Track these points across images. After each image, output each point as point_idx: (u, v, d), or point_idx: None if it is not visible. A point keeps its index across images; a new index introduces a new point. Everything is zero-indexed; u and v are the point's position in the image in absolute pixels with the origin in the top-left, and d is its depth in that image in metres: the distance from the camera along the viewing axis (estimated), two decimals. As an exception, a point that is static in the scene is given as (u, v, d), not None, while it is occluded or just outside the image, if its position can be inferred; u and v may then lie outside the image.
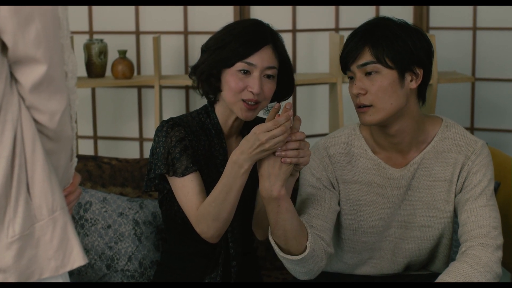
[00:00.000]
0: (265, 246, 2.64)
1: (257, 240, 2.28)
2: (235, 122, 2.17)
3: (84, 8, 3.84)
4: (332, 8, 3.83)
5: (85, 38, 3.71)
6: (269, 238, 2.04)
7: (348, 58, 2.09)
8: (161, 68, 3.65)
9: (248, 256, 2.27)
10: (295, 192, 2.19)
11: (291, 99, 3.83)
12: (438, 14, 3.85)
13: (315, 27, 3.84)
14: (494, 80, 3.85)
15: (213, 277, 2.18)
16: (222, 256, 2.18)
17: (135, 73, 3.84)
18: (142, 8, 3.83)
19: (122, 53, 3.55)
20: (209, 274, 2.18)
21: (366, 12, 3.70)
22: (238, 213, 2.11)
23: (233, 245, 2.17)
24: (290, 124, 1.90)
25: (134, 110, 3.94)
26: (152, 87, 3.77)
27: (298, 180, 2.18)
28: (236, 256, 2.18)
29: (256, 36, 2.08)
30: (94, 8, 3.84)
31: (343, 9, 3.83)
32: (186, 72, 3.77)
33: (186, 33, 3.83)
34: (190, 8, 3.80)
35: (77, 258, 1.47)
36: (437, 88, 3.51)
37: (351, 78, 2.11)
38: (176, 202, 2.14)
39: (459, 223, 2.14)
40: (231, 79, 2.07)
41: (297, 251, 2.00)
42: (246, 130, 2.16)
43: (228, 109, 2.13)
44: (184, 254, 2.21)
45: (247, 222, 2.21)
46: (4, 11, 1.35)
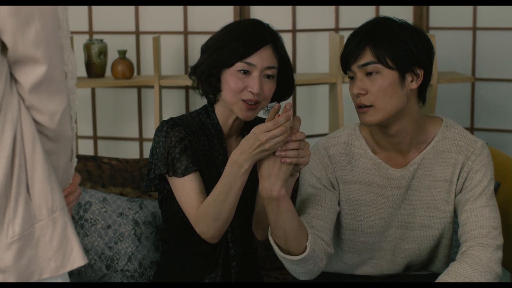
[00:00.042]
0: (265, 246, 2.63)
1: (257, 240, 2.28)
2: (235, 122, 2.17)
3: (84, 8, 3.83)
4: (332, 8, 3.83)
5: (85, 38, 3.71)
6: (269, 238, 2.03)
7: (349, 58, 2.08)
8: (161, 68, 3.64)
9: (248, 256, 2.27)
10: (295, 192, 2.19)
11: (291, 99, 3.83)
12: (438, 14, 3.85)
13: (315, 27, 3.84)
14: (494, 80, 3.84)
15: (213, 277, 2.18)
16: (222, 256, 2.17)
17: (135, 73, 3.84)
18: (142, 8, 3.83)
19: (122, 53, 3.55)
20: (209, 274, 2.18)
21: (366, 12, 3.70)
22: (238, 213, 2.11)
23: (233, 245, 2.17)
24: (290, 124, 1.90)
25: (134, 110, 3.94)
26: (152, 87, 3.77)
27: (298, 180, 2.18)
28: (236, 256, 2.18)
29: (256, 36, 2.08)
30: (94, 8, 3.84)
31: (343, 9, 3.83)
32: (186, 72, 3.77)
33: (186, 33, 3.82)
34: (190, 8, 3.80)
35: (77, 259, 1.46)
36: (437, 88, 3.50)
37: (352, 78, 2.10)
38: (176, 202, 2.13)
39: (459, 223, 2.14)
40: (231, 79, 2.07)
41: (297, 251, 2.00)
42: (246, 130, 2.15)
43: (228, 109, 2.13)
44: (184, 254, 2.21)
45: (247, 222, 2.21)
46: (4, 11, 1.35)
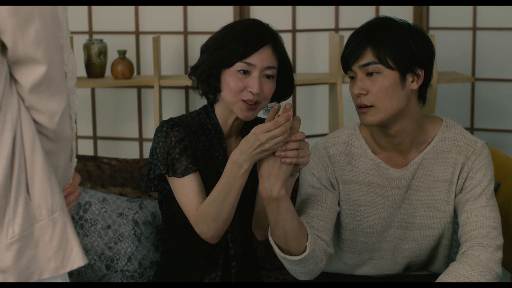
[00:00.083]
0: (265, 246, 2.63)
1: (257, 240, 2.28)
2: (235, 122, 2.17)
3: (84, 8, 3.83)
4: (332, 8, 3.83)
5: (85, 38, 3.71)
6: (269, 239, 2.03)
7: (350, 58, 2.08)
8: (161, 68, 3.64)
9: (248, 257, 2.27)
10: (295, 192, 2.19)
11: (291, 99, 3.83)
12: (438, 14, 3.85)
13: (315, 27, 3.84)
14: (494, 80, 3.84)
15: (213, 278, 2.17)
16: (222, 257, 2.17)
17: (135, 73, 3.84)
18: (142, 8, 3.83)
19: (122, 53, 3.54)
20: (209, 275, 2.18)
21: (366, 12, 3.70)
22: (238, 214, 2.10)
23: (233, 246, 2.16)
24: (290, 125, 1.90)
25: (134, 110, 3.94)
26: (152, 87, 3.77)
27: (298, 180, 2.18)
28: (236, 257, 2.18)
29: (256, 36, 2.08)
30: (94, 8, 3.84)
31: (343, 9, 3.83)
32: (186, 72, 3.77)
33: (186, 33, 3.82)
34: (190, 8, 3.80)
35: (77, 259, 1.46)
36: (437, 88, 3.50)
37: (352, 78, 2.10)
38: (176, 203, 2.13)
39: (459, 224, 2.13)
40: (231, 79, 2.06)
41: (297, 252, 2.00)
42: (246, 130, 2.15)
43: (228, 109, 2.13)
44: (184, 255, 2.21)
45: (247, 223, 2.21)
46: (4, 11, 1.35)
